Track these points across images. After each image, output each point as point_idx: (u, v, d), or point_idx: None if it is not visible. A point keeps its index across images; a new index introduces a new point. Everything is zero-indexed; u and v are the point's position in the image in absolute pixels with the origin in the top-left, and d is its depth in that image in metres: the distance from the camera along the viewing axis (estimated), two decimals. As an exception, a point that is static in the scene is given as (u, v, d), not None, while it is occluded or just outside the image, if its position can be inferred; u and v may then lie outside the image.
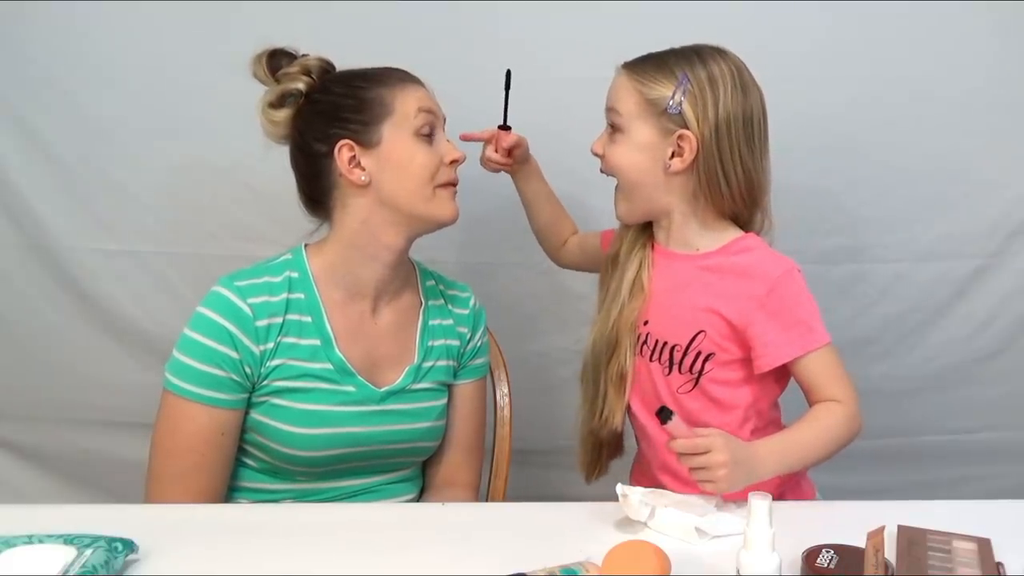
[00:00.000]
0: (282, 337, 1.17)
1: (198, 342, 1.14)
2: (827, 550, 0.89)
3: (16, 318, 1.69)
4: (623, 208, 1.23)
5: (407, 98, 1.19)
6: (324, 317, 1.19)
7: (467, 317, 1.32)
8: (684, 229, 1.21)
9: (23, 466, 1.79)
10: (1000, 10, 1.53)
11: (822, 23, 1.56)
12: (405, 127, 1.18)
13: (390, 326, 1.25)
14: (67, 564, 0.87)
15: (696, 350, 1.17)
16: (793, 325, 1.14)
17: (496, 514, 1.17)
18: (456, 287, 1.35)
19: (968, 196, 1.63)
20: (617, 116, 1.19)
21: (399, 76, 1.21)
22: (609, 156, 1.21)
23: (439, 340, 1.28)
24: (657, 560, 0.87)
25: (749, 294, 1.15)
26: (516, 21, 1.56)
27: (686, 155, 1.15)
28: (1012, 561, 0.89)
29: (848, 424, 1.12)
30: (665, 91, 1.15)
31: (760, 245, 1.20)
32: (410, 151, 1.18)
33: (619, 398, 1.24)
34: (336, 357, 1.19)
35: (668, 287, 1.22)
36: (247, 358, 1.15)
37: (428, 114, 1.19)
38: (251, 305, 1.15)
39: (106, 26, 1.56)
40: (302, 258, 1.22)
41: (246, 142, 1.53)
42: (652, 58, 1.20)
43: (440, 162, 1.20)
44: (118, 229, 1.65)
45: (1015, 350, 1.70)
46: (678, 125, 1.15)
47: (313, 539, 1.00)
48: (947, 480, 1.74)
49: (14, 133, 1.60)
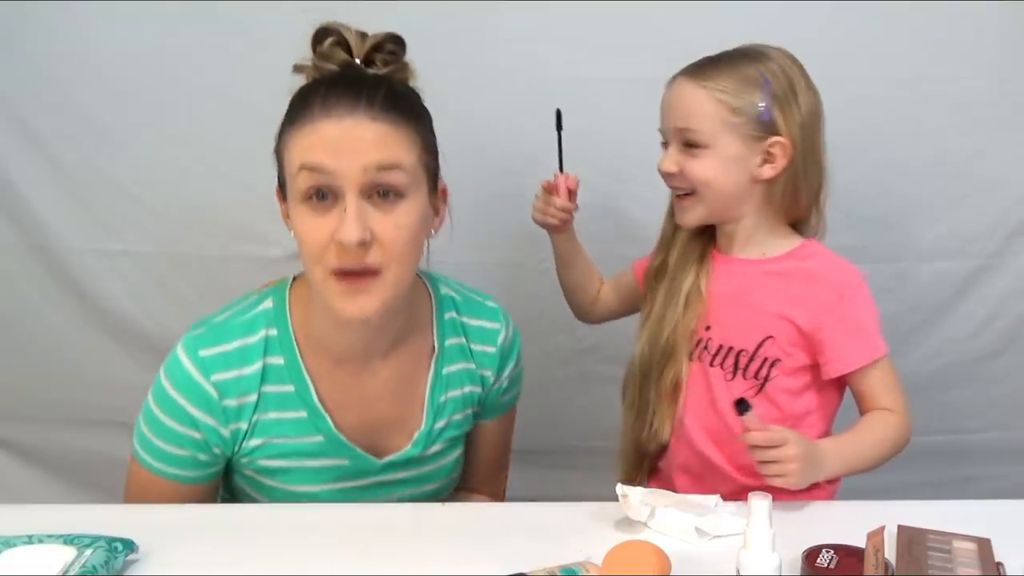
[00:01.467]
0: (259, 416, 1.01)
1: (159, 419, 1.02)
2: (827, 550, 0.89)
3: (16, 318, 1.69)
4: (696, 217, 1.19)
5: (294, 148, 0.94)
6: (309, 386, 1.02)
7: (491, 357, 1.12)
8: (753, 234, 1.19)
9: (23, 466, 1.80)
10: (1001, 10, 1.53)
11: (821, 23, 1.56)
12: (292, 189, 0.95)
13: (390, 384, 1.06)
14: (67, 564, 0.87)
15: (763, 356, 1.16)
16: (861, 333, 1.14)
17: (496, 514, 1.17)
18: (483, 315, 1.13)
19: (968, 196, 1.62)
20: (696, 133, 1.14)
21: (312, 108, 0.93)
22: (691, 172, 1.16)
23: (455, 391, 1.10)
24: (657, 560, 0.87)
25: (819, 299, 1.14)
26: (516, 21, 1.56)
27: (778, 161, 1.13)
28: (1012, 561, 0.89)
29: (903, 435, 1.14)
30: (752, 99, 1.12)
31: (826, 251, 1.20)
32: (297, 223, 0.95)
33: (671, 409, 1.22)
34: (327, 428, 1.03)
35: (731, 292, 1.20)
36: (213, 439, 1.02)
37: (313, 173, 0.92)
38: (216, 384, 0.99)
39: (106, 26, 1.56)
40: (284, 309, 1.03)
41: (246, 142, 1.53)
42: (719, 65, 1.15)
43: (329, 240, 0.92)
44: (118, 229, 1.65)
45: (1015, 350, 1.69)
46: (768, 132, 1.12)
47: (313, 539, 1.00)
48: (947, 480, 1.73)
49: (14, 133, 1.60)
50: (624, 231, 1.53)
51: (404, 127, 0.96)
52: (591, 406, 1.74)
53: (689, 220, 1.20)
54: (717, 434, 1.20)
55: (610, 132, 1.56)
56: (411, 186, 0.96)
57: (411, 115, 0.98)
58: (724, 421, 1.19)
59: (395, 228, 0.95)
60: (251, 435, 1.02)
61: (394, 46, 1.00)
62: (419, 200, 0.98)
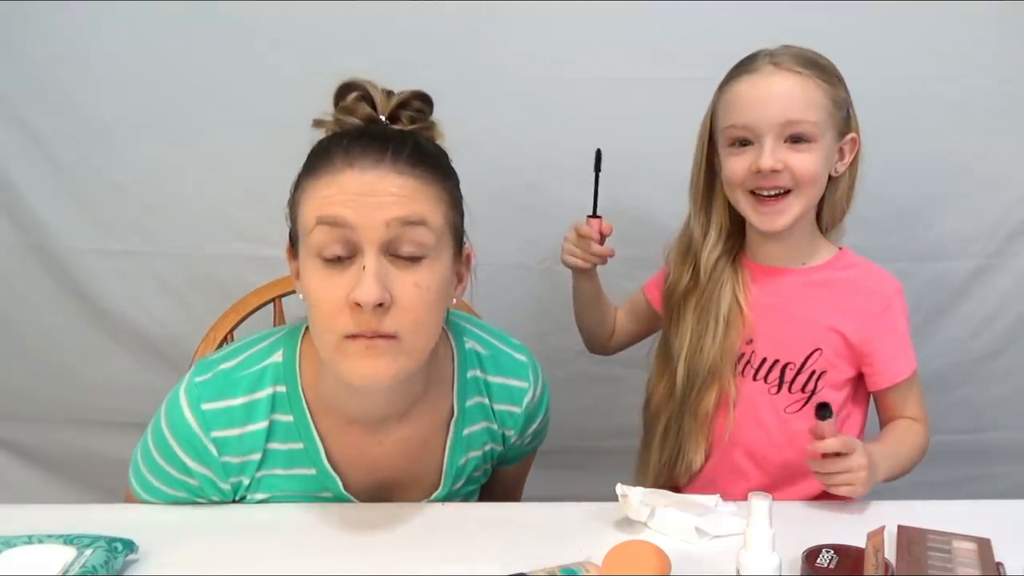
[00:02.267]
0: (264, 471, 0.98)
1: (155, 460, 0.99)
2: (827, 550, 0.89)
3: (16, 318, 1.69)
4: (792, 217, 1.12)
5: (311, 202, 0.87)
6: (318, 444, 0.97)
7: (516, 418, 1.05)
8: (799, 239, 1.17)
9: (23, 466, 1.80)
10: (1001, 10, 1.53)
11: (821, 23, 1.56)
12: (306, 245, 0.88)
13: (405, 446, 1.01)
14: (67, 564, 0.87)
15: (811, 368, 1.14)
16: (905, 344, 1.14)
17: (496, 514, 1.17)
18: (510, 372, 1.05)
19: (968, 196, 1.62)
20: (807, 125, 1.09)
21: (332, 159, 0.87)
22: (799, 168, 1.10)
23: (475, 451, 1.04)
24: (657, 560, 0.87)
25: (866, 310, 1.13)
26: (517, 21, 1.56)
27: (846, 157, 1.13)
28: (1012, 561, 0.89)
29: (925, 442, 1.15)
30: (844, 93, 1.11)
31: (862, 260, 1.19)
32: (308, 281, 0.88)
33: (704, 433, 1.18)
34: (335, 487, 0.99)
35: (774, 304, 1.17)
36: (210, 489, 0.99)
37: (332, 228, 0.84)
38: (215, 440, 0.94)
39: (106, 26, 1.55)
40: (294, 364, 0.97)
41: (246, 142, 1.53)
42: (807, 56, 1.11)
43: (344, 300, 0.85)
44: (118, 229, 1.65)
45: (1015, 350, 1.70)
46: (848, 127, 1.12)
47: (313, 539, 1.00)
48: (947, 480, 1.73)
49: (14, 133, 1.60)
50: (623, 231, 1.52)
51: (431, 183, 0.90)
52: (591, 406, 1.73)
53: (784, 222, 1.13)
54: (757, 450, 1.18)
55: (609, 133, 1.56)
56: (436, 246, 0.89)
57: (439, 172, 0.92)
58: (769, 435, 1.16)
59: (415, 288, 0.87)
60: (255, 489, 0.99)
61: (421, 104, 0.94)
62: (443, 262, 0.91)
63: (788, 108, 1.09)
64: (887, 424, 1.17)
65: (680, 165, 1.27)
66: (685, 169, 1.25)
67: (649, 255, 1.53)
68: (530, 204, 1.60)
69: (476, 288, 1.34)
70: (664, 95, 1.52)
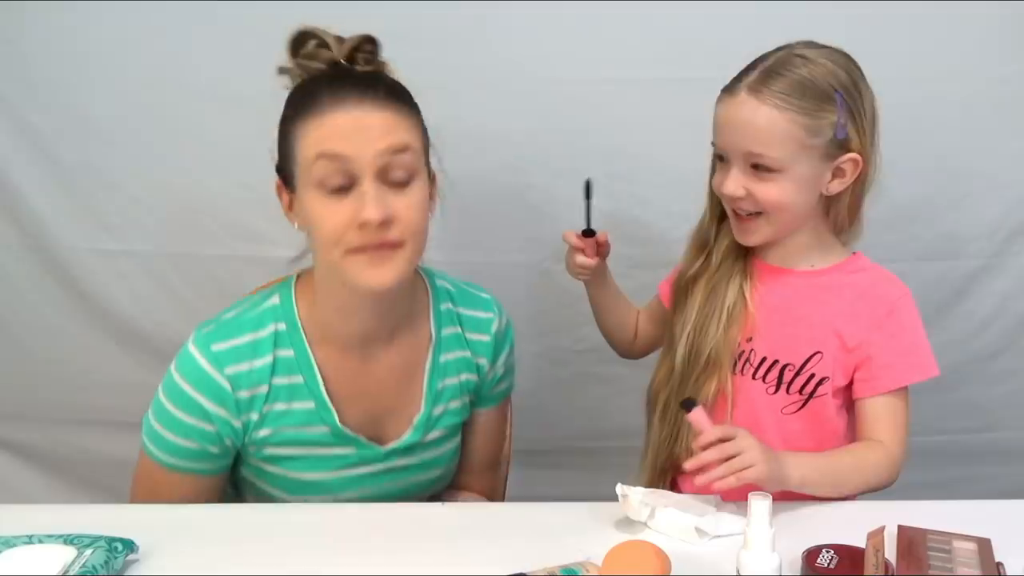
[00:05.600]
0: (269, 406, 1.05)
1: (170, 413, 1.05)
2: (827, 550, 0.89)
3: (16, 318, 1.69)
4: (762, 238, 1.14)
5: (308, 139, 0.97)
6: (317, 377, 1.06)
7: (486, 346, 1.16)
8: (806, 246, 1.16)
9: (23, 466, 1.80)
10: (1001, 10, 1.53)
11: (821, 24, 1.55)
12: (306, 178, 0.98)
13: (392, 372, 1.11)
14: (67, 564, 0.87)
15: (810, 371, 1.13)
16: (911, 350, 1.12)
17: (496, 514, 1.17)
18: (478, 305, 1.18)
19: (969, 196, 1.62)
20: (769, 159, 1.07)
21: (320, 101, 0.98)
22: (761, 196, 1.09)
23: (452, 378, 1.14)
24: (657, 560, 0.87)
25: (869, 314, 1.12)
26: (517, 22, 1.56)
27: (848, 176, 1.09)
28: (1012, 561, 0.89)
29: (885, 468, 1.09)
30: (828, 118, 1.05)
31: (874, 265, 1.18)
32: (312, 210, 0.99)
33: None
34: (332, 421, 1.07)
35: (778, 304, 1.16)
36: (225, 431, 1.05)
37: (332, 161, 0.96)
38: (229, 377, 1.03)
39: (106, 26, 1.55)
40: (291, 303, 1.07)
41: (246, 142, 1.52)
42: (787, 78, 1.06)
43: (349, 222, 0.97)
44: (118, 229, 1.64)
45: (1015, 350, 1.70)
46: (842, 149, 1.08)
47: (313, 539, 1.00)
48: (947, 480, 1.73)
49: (14, 133, 1.60)
50: (624, 231, 1.53)
51: (407, 115, 1.01)
52: (591, 406, 1.74)
53: (753, 241, 1.15)
54: None
55: (609, 133, 1.56)
56: (419, 168, 1.02)
57: (411, 104, 1.03)
58: (766, 435, 1.13)
59: (409, 208, 0.99)
60: (261, 425, 1.05)
61: (371, 47, 1.04)
62: (424, 182, 1.03)
63: (750, 140, 1.07)
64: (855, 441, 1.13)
65: (680, 165, 1.27)
66: (685, 169, 1.25)
67: (648, 255, 1.53)
68: (530, 204, 1.60)
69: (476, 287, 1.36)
70: (665, 96, 1.51)
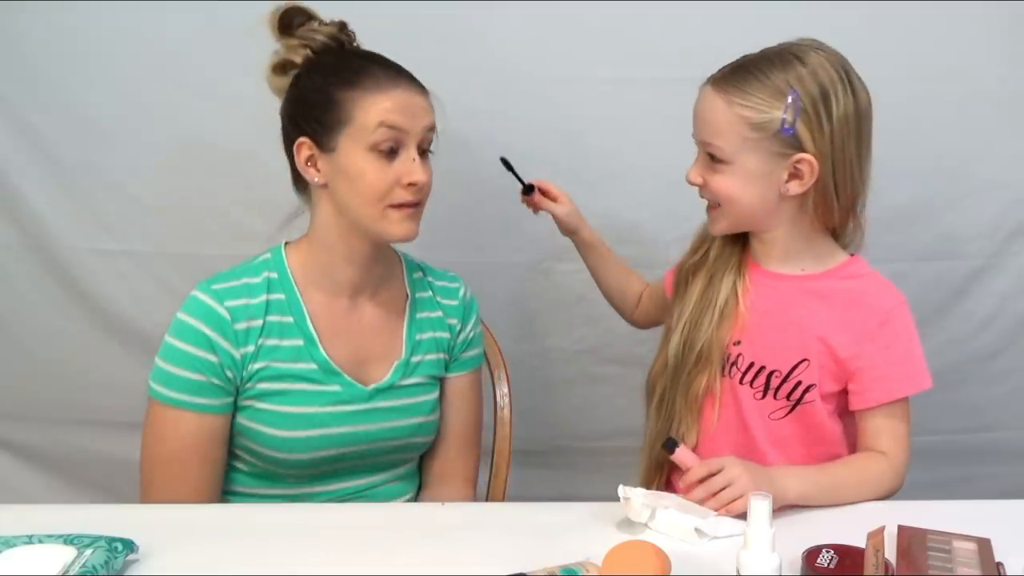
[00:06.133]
0: (263, 340, 1.15)
1: (178, 348, 1.13)
2: (827, 550, 0.89)
3: (15, 318, 1.69)
4: (722, 228, 1.15)
5: (371, 108, 1.11)
6: (306, 317, 1.17)
7: (456, 308, 1.29)
8: (788, 246, 1.14)
9: (23, 466, 1.80)
10: (1000, 10, 1.53)
11: (821, 24, 1.55)
12: (360, 140, 1.11)
13: (375, 321, 1.22)
14: (67, 564, 0.87)
15: (797, 379, 1.12)
16: (904, 362, 1.10)
17: (496, 514, 1.17)
18: (445, 278, 1.31)
19: (968, 196, 1.62)
20: (716, 149, 1.09)
21: (377, 78, 1.13)
22: (714, 187, 1.11)
23: (427, 333, 1.25)
24: (657, 560, 0.87)
25: (861, 325, 1.10)
26: (515, 21, 1.56)
27: (806, 178, 1.07)
28: (1012, 561, 0.89)
29: (888, 479, 1.09)
30: (775, 112, 1.05)
31: (870, 271, 1.15)
32: (360, 166, 1.12)
33: (696, 417, 1.18)
34: (320, 356, 1.16)
35: (767, 308, 1.15)
36: (227, 361, 1.13)
37: (391, 130, 1.11)
38: (229, 308, 1.14)
39: (106, 25, 1.56)
40: (281, 258, 1.20)
41: (247, 142, 1.53)
42: (749, 73, 1.08)
43: (395, 182, 1.12)
44: (118, 229, 1.65)
45: (1015, 350, 1.70)
46: (793, 148, 1.06)
47: (313, 539, 1.00)
48: (947, 480, 1.73)
49: (14, 133, 1.60)
50: (620, 231, 1.53)
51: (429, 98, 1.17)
52: (591, 406, 1.74)
53: (715, 230, 1.17)
54: (742, 451, 1.15)
55: (607, 132, 1.56)
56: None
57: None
58: (753, 440, 1.15)
59: (431, 175, 1.17)
60: (255, 358, 1.14)
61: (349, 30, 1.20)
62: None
63: (704, 130, 1.11)
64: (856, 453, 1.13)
65: (676, 166, 1.26)
66: (681, 170, 1.25)
67: (643, 255, 1.53)
68: (529, 204, 1.60)
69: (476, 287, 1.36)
70: (662, 96, 1.50)
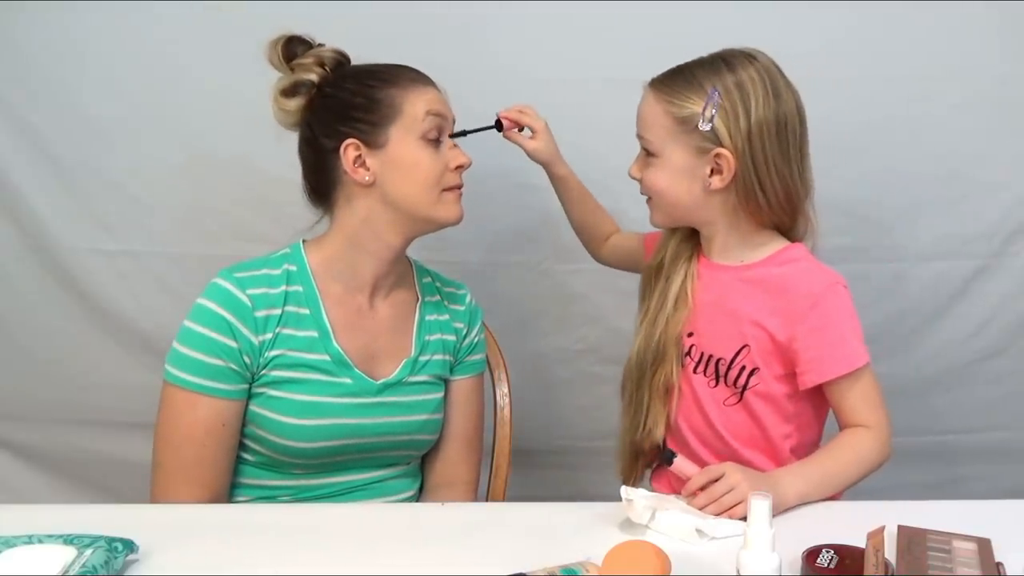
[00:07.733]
0: (280, 328, 1.18)
1: (197, 332, 1.16)
2: (827, 550, 0.89)
3: (16, 318, 1.69)
4: (658, 220, 1.22)
5: (417, 100, 1.19)
6: (322, 309, 1.20)
7: (463, 313, 1.33)
8: (727, 240, 1.19)
9: (23, 466, 1.80)
10: (1000, 10, 1.53)
11: (821, 24, 1.56)
12: (412, 130, 1.18)
13: (387, 320, 1.26)
14: (67, 564, 0.87)
15: (740, 364, 1.16)
16: (837, 343, 1.12)
17: (496, 514, 1.17)
18: (452, 284, 1.35)
19: (968, 196, 1.63)
20: (647, 142, 1.16)
21: (411, 76, 1.21)
22: (647, 180, 1.18)
23: (435, 335, 1.29)
24: (657, 560, 0.87)
25: (792, 308, 1.13)
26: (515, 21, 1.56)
27: (725, 173, 1.12)
28: (1012, 561, 0.89)
29: (878, 451, 1.11)
30: (695, 108, 1.11)
31: (805, 256, 1.18)
32: (415, 155, 1.18)
33: (663, 409, 1.23)
34: (333, 349, 1.19)
35: (713, 299, 1.20)
36: (246, 347, 1.15)
37: (436, 117, 1.20)
38: (250, 296, 1.16)
39: (106, 26, 1.56)
40: (300, 253, 1.23)
41: (247, 142, 1.53)
42: (679, 72, 1.15)
43: (446, 166, 1.20)
44: (118, 229, 1.65)
45: (1015, 350, 1.70)
46: (713, 143, 1.11)
47: (313, 539, 1.00)
48: (947, 480, 1.74)
49: (14, 133, 1.60)
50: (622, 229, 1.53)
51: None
52: (591, 406, 1.74)
53: (652, 222, 1.23)
54: (707, 439, 1.21)
55: (607, 132, 1.55)
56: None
57: None
58: (713, 428, 1.19)
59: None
60: (272, 346, 1.17)
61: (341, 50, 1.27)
62: None
63: (638, 124, 1.18)
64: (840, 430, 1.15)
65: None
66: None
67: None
68: (530, 204, 1.60)
69: (476, 287, 1.36)
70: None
